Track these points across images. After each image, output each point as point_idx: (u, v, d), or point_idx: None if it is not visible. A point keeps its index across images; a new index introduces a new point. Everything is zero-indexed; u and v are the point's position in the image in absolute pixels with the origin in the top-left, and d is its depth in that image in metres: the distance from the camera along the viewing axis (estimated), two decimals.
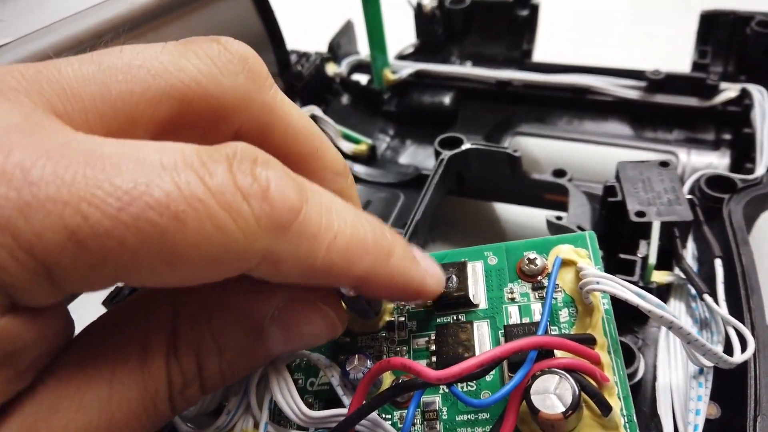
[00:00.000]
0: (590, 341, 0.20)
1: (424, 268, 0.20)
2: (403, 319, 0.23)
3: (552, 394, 0.18)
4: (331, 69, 0.47)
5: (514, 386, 0.18)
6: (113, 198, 0.12)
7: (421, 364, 0.17)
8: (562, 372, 0.18)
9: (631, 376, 0.24)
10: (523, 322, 0.21)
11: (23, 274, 0.12)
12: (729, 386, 0.24)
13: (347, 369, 0.21)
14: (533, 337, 0.18)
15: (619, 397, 0.19)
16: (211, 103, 0.17)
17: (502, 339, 0.21)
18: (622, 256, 0.28)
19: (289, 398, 0.20)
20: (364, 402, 0.19)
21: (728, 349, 0.24)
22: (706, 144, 0.41)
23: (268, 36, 0.39)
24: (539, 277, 0.22)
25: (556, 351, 0.19)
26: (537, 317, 0.21)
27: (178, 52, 0.16)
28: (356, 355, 0.21)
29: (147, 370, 0.15)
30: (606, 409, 0.18)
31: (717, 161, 0.40)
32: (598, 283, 0.20)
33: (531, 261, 0.22)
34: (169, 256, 0.13)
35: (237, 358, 0.17)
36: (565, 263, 0.21)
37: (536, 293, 0.22)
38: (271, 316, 0.17)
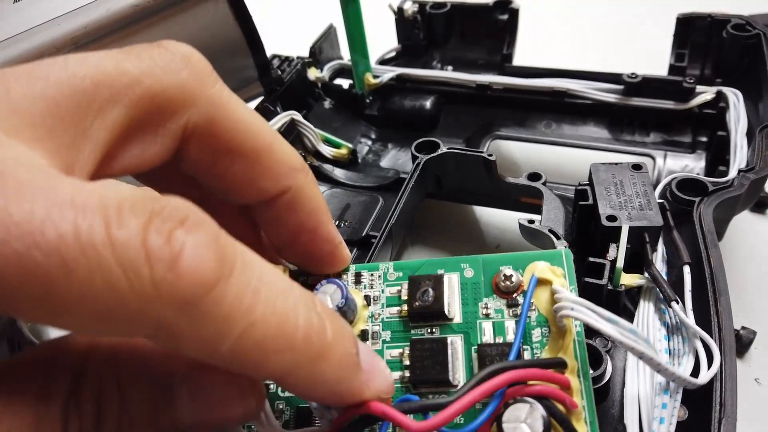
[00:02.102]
0: (561, 365, 0.20)
1: (368, 373, 0.18)
2: (377, 328, 0.23)
3: (523, 423, 0.18)
4: (312, 73, 0.47)
5: (487, 417, 0.18)
6: (1, 227, 0.12)
7: (400, 414, 0.17)
8: (533, 401, 0.18)
9: (598, 379, 0.25)
10: (497, 341, 0.21)
11: None
12: (696, 390, 0.24)
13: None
14: (507, 372, 0.18)
15: (585, 422, 0.19)
16: (156, 101, 0.17)
17: (475, 356, 0.21)
18: (591, 259, 0.28)
19: (262, 415, 0.20)
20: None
21: (697, 359, 0.24)
22: (683, 146, 0.42)
23: (246, 41, 0.39)
24: (514, 294, 0.22)
25: None
26: (510, 335, 0.21)
27: (121, 57, 0.16)
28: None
29: (43, 412, 0.14)
30: None
31: (693, 164, 0.40)
32: (572, 309, 0.20)
33: (507, 278, 0.22)
34: (51, 303, 0.12)
35: (140, 417, 0.15)
36: (541, 282, 0.22)
37: (510, 310, 0.22)
38: (181, 376, 0.16)
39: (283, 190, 0.20)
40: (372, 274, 0.24)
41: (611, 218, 0.28)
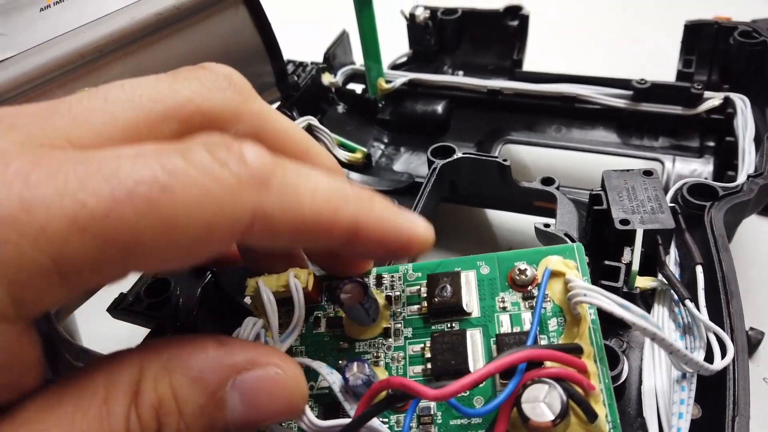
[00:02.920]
0: (577, 351, 0.21)
1: (410, 217, 0.21)
2: (399, 326, 0.24)
3: (542, 402, 0.19)
4: (326, 79, 0.48)
5: (506, 397, 0.19)
6: (105, 182, 0.14)
7: (419, 384, 0.18)
8: (551, 381, 0.19)
9: (615, 378, 0.25)
10: (514, 331, 0.22)
11: (30, 268, 0.13)
12: (710, 388, 0.25)
13: (347, 376, 0.21)
14: (523, 350, 0.19)
15: (604, 404, 0.20)
16: (206, 117, 0.18)
17: (494, 347, 0.22)
18: (607, 262, 0.29)
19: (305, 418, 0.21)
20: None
21: (709, 354, 0.25)
22: (691, 151, 0.42)
23: (265, 47, 0.40)
24: (529, 287, 0.23)
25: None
26: (527, 326, 0.22)
27: (171, 79, 0.18)
28: (354, 363, 0.21)
29: (107, 421, 0.15)
30: (592, 416, 0.19)
31: (701, 168, 0.41)
32: (585, 295, 0.21)
33: (522, 271, 0.23)
34: (166, 225, 0.14)
35: (196, 422, 0.17)
36: (554, 274, 0.22)
37: (526, 302, 0.23)
38: (232, 384, 0.17)
39: (352, 235, 0.21)
40: (392, 276, 0.25)
41: (624, 222, 0.29)
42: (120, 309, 0.32)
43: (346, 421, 0.21)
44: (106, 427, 0.15)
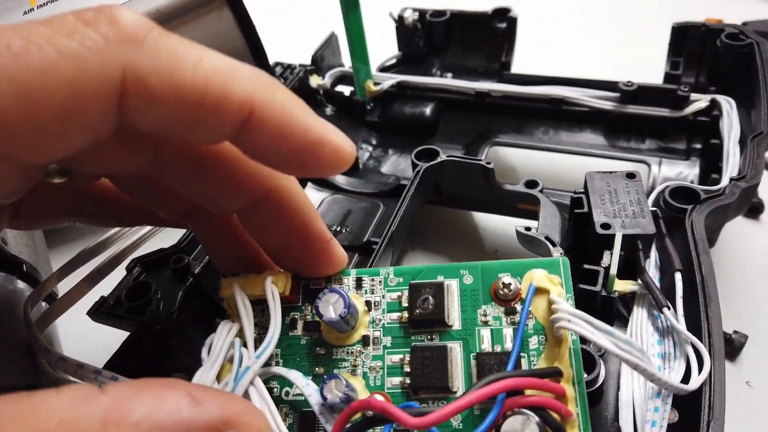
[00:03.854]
0: (557, 375, 0.21)
1: (325, 122, 0.19)
2: (378, 334, 0.24)
3: None
4: (314, 81, 0.48)
5: (488, 426, 0.19)
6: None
7: (399, 410, 0.18)
8: (530, 413, 0.19)
9: (591, 383, 0.25)
10: (495, 349, 0.22)
11: None
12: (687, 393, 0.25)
13: (324, 393, 0.21)
14: (504, 379, 0.19)
15: (580, 429, 0.20)
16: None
17: (473, 364, 0.22)
18: (586, 266, 0.29)
19: (274, 426, 0.20)
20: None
21: (688, 362, 0.25)
22: (678, 154, 0.42)
23: (249, 50, 0.40)
24: (512, 302, 0.22)
25: None
26: (508, 343, 0.22)
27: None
28: (333, 380, 0.21)
29: None
30: None
31: (687, 171, 0.41)
32: (569, 321, 0.20)
33: (506, 285, 0.22)
34: (24, 93, 0.14)
35: None
36: (539, 290, 0.22)
37: (509, 318, 0.22)
38: None
39: (267, 192, 0.21)
40: (373, 280, 0.24)
41: (605, 226, 0.29)
42: (100, 312, 0.32)
43: None
44: None
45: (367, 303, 0.24)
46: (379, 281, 0.24)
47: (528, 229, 0.32)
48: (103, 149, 0.18)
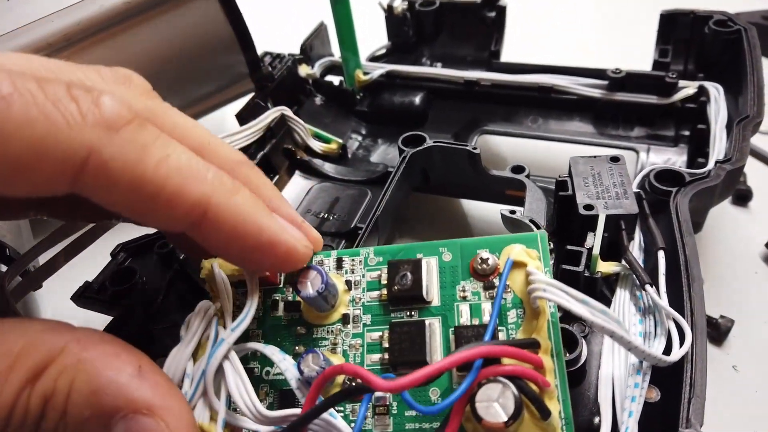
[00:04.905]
0: (534, 346, 0.21)
1: (283, 224, 0.21)
2: (358, 312, 0.24)
3: (495, 402, 0.19)
4: (303, 70, 0.48)
5: (460, 395, 0.19)
6: None
7: (371, 374, 0.18)
8: (506, 381, 0.19)
9: (573, 362, 0.25)
10: (473, 323, 0.22)
11: None
12: (669, 371, 0.25)
13: (301, 368, 0.21)
14: (480, 346, 0.19)
15: (558, 400, 0.20)
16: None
17: (452, 338, 0.22)
18: (569, 247, 0.29)
19: (246, 398, 0.21)
20: (317, 402, 0.19)
21: (669, 340, 0.25)
22: (666, 140, 0.42)
23: (236, 37, 0.40)
24: (491, 277, 0.23)
25: None
26: (486, 317, 0.22)
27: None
28: (309, 354, 0.21)
29: (0, 386, 0.15)
30: (545, 413, 0.19)
31: (675, 157, 0.41)
32: (544, 290, 0.20)
33: (483, 261, 0.22)
34: None
35: (73, 429, 0.16)
36: (516, 264, 0.22)
37: (487, 293, 0.23)
38: (121, 417, 0.17)
39: (198, 217, 0.19)
40: (353, 260, 0.24)
41: (588, 207, 0.29)
42: (84, 297, 0.32)
43: (296, 411, 0.21)
44: None
45: (348, 282, 0.24)
46: (360, 261, 0.24)
47: (513, 212, 0.32)
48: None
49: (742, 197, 0.42)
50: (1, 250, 0.29)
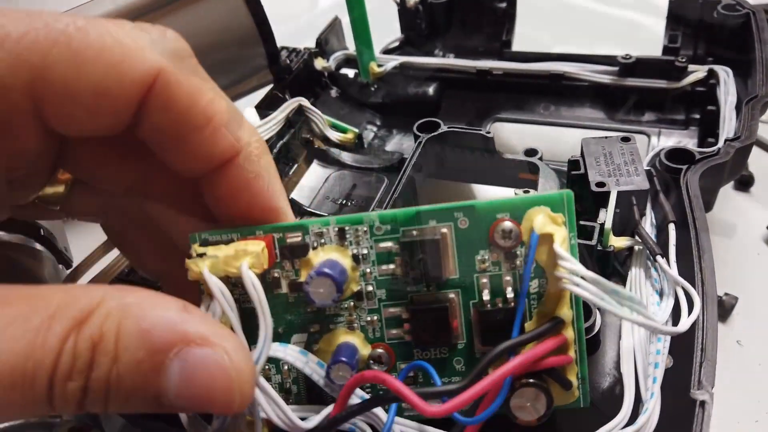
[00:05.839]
0: (559, 325, 0.21)
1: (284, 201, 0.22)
2: (371, 288, 0.22)
3: (528, 404, 0.21)
4: (319, 63, 0.49)
5: (491, 413, 0.20)
6: (26, 16, 0.17)
7: (417, 397, 0.18)
8: (537, 383, 0.20)
9: (588, 330, 0.26)
10: (497, 304, 0.22)
11: None
12: (680, 338, 0.25)
13: (331, 377, 0.21)
14: (512, 362, 0.20)
15: (576, 363, 0.21)
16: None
17: (474, 317, 0.22)
18: (581, 222, 0.30)
19: (283, 417, 0.20)
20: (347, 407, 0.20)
21: (678, 308, 0.26)
22: (677, 124, 0.43)
23: (257, 30, 0.42)
24: (513, 248, 0.21)
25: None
26: (509, 291, 0.21)
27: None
28: (337, 365, 0.21)
29: (43, 334, 0.15)
30: (567, 386, 0.21)
31: (686, 140, 0.42)
32: (577, 285, 0.19)
33: (506, 234, 0.21)
34: (76, 58, 0.17)
35: (129, 377, 0.16)
36: (543, 237, 0.20)
37: (509, 263, 0.21)
38: (177, 352, 0.16)
39: (228, 159, 0.21)
40: (357, 229, 0.22)
41: (600, 184, 0.30)
42: (116, 281, 0.33)
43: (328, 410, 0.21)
44: (40, 341, 0.15)
45: (354, 257, 0.22)
46: (364, 230, 0.22)
47: (526, 191, 0.33)
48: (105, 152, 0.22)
49: (745, 183, 0.43)
50: (36, 230, 0.30)
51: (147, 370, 0.16)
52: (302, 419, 0.21)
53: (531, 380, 0.20)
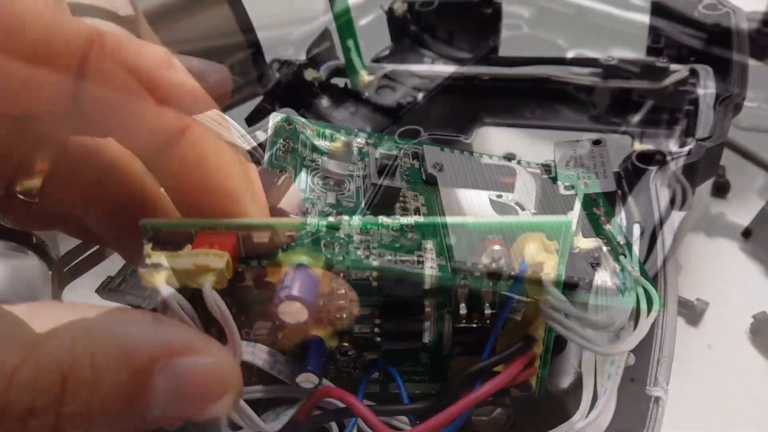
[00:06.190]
0: (530, 343, 0.22)
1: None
2: (342, 291, 0.22)
3: (488, 418, 0.22)
4: (309, 74, 0.51)
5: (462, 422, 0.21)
6: None
7: (383, 425, 0.20)
8: (501, 402, 0.22)
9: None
10: (473, 318, 0.23)
11: None
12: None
13: (297, 380, 0.21)
14: (480, 390, 0.21)
15: (537, 377, 0.23)
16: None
17: (447, 330, 0.23)
18: None
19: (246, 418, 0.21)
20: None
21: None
22: (660, 124, 0.43)
23: (246, 43, 0.43)
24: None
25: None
26: (486, 306, 0.22)
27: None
28: (305, 373, 0.21)
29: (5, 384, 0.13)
30: (528, 389, 0.23)
31: (668, 141, 0.42)
32: (559, 323, 0.20)
33: (495, 260, 0.21)
34: (8, 20, 0.15)
35: (112, 403, 0.14)
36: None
37: (492, 280, 0.21)
38: (162, 366, 0.15)
39: (181, 131, 0.18)
40: (333, 234, 0.22)
41: (568, 188, 0.31)
42: (107, 290, 0.34)
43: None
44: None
45: (328, 263, 0.21)
46: (341, 236, 0.22)
47: (499, 196, 0.33)
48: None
49: (721, 189, 0.44)
50: (28, 239, 0.31)
51: (131, 391, 0.14)
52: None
53: (492, 398, 0.22)
